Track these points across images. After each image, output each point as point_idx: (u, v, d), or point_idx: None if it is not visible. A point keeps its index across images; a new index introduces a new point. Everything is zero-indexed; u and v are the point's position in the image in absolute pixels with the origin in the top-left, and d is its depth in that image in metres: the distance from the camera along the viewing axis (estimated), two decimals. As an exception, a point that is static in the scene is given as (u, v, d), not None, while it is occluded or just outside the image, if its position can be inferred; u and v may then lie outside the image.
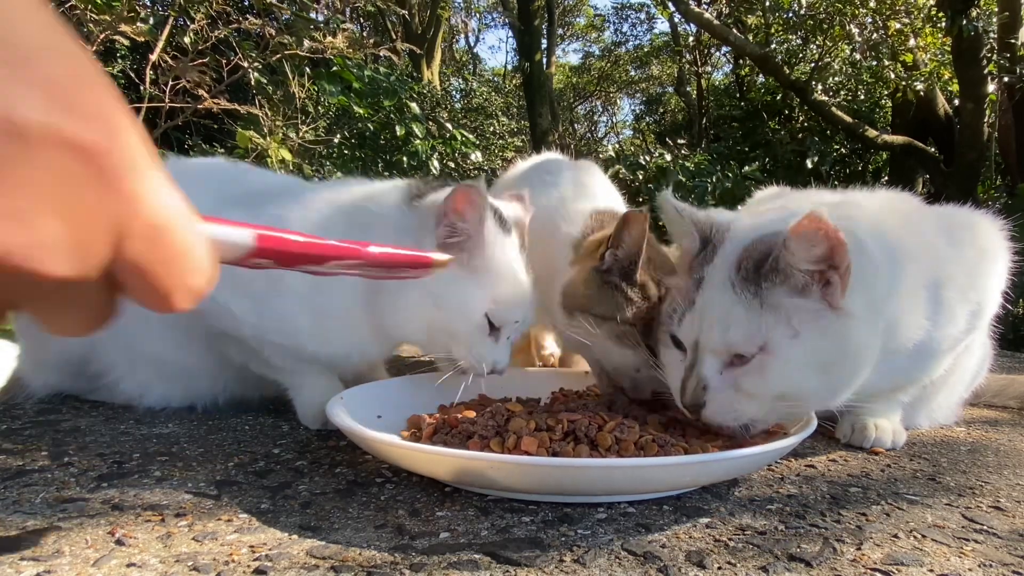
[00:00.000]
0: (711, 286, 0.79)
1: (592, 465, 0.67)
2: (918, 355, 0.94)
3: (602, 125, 18.73)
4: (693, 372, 0.78)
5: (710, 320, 0.77)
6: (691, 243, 0.85)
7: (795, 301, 0.75)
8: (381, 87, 3.96)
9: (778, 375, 0.75)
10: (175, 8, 3.15)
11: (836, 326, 0.76)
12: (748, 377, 0.76)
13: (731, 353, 0.76)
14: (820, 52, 7.71)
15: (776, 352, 0.75)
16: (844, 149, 8.17)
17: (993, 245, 1.04)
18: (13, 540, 0.58)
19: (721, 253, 0.81)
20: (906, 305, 0.89)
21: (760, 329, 0.74)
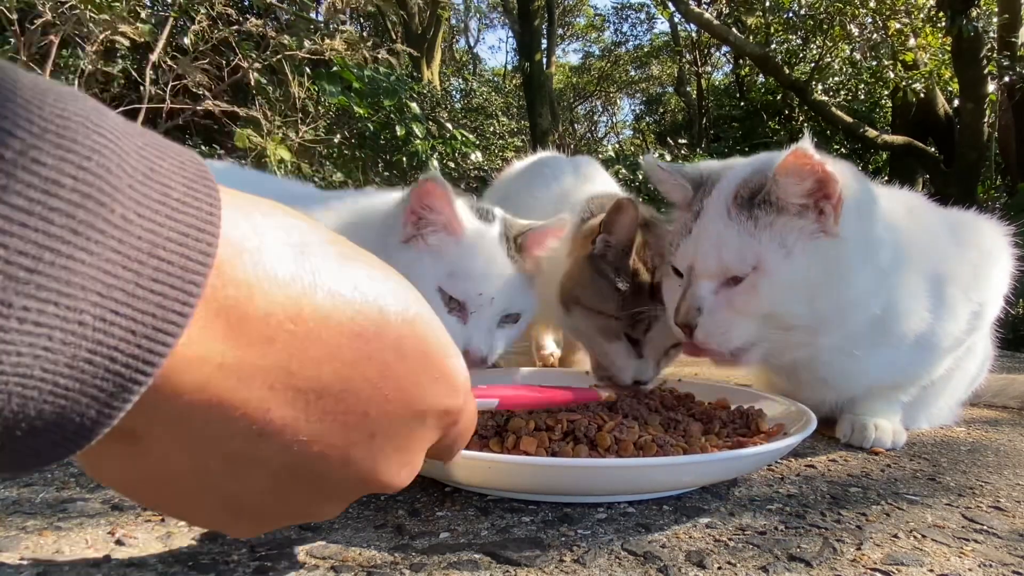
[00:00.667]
0: (707, 215, 0.82)
1: (591, 465, 0.67)
2: (919, 349, 0.95)
3: (602, 125, 18.73)
4: (687, 293, 0.81)
5: (705, 244, 0.80)
6: (684, 193, 0.88)
7: (791, 221, 0.78)
8: (381, 87, 3.96)
9: (770, 292, 0.78)
10: (175, 9, 3.15)
11: (829, 248, 0.79)
12: (740, 296, 0.79)
13: (725, 275, 0.79)
14: (820, 52, 7.71)
15: (769, 270, 0.77)
16: (844, 149, 8.17)
17: (996, 249, 1.05)
18: (13, 540, 0.58)
19: (718, 188, 0.83)
20: (908, 289, 0.90)
21: (753, 248, 0.77)
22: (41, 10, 2.38)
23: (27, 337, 0.21)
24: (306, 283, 0.30)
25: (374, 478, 0.37)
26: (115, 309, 0.23)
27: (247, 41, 3.26)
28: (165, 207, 0.25)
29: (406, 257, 0.90)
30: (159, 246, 0.24)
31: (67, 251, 0.22)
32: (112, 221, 0.23)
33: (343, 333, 0.32)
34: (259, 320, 0.28)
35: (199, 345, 0.26)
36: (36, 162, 0.21)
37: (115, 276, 0.23)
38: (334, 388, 0.32)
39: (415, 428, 0.38)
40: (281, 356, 0.29)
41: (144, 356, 0.24)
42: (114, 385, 0.24)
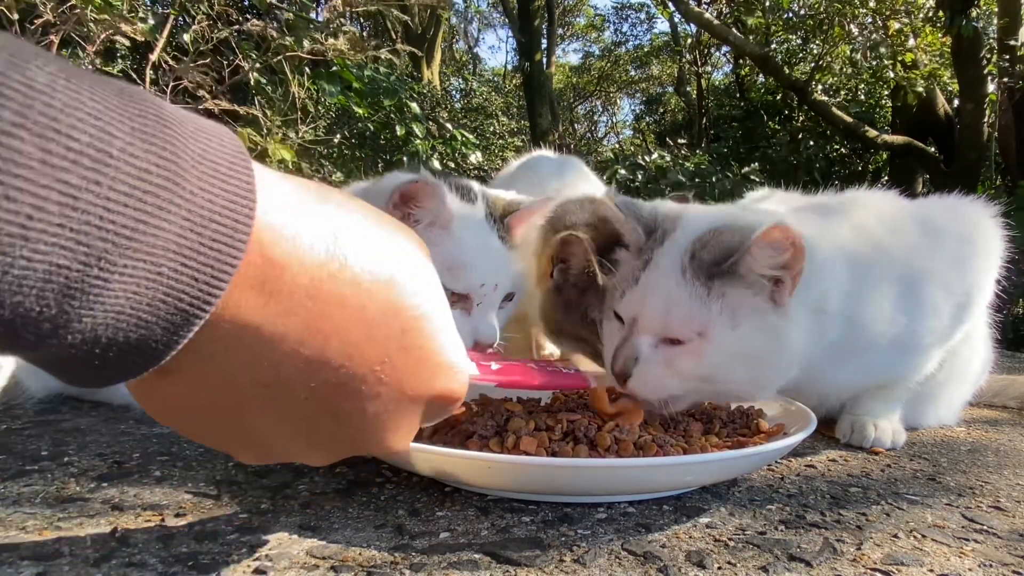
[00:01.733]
0: (657, 268, 0.80)
1: (590, 465, 0.67)
2: (898, 350, 0.94)
3: (602, 125, 18.73)
4: (626, 343, 0.80)
5: (652, 302, 0.79)
6: (636, 237, 0.86)
7: (743, 296, 0.76)
8: (381, 87, 3.96)
9: (711, 361, 0.77)
10: (175, 8, 3.15)
11: (775, 324, 0.78)
12: (681, 357, 0.77)
13: (667, 335, 0.78)
14: (820, 52, 7.71)
15: (714, 339, 0.76)
16: (844, 149, 8.17)
17: (979, 232, 1.01)
18: (13, 540, 0.57)
19: (672, 239, 0.81)
20: (870, 301, 0.89)
21: (702, 316, 0.76)
22: (41, 10, 2.38)
23: (123, 285, 0.29)
24: (331, 269, 0.37)
25: (362, 444, 0.43)
26: (184, 263, 0.31)
27: (247, 41, 3.26)
28: (217, 180, 0.32)
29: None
30: (216, 212, 0.31)
31: (154, 222, 0.29)
32: (183, 196, 0.30)
33: (353, 317, 0.38)
34: (285, 295, 0.35)
35: (235, 306, 0.34)
36: (133, 156, 0.29)
37: (185, 238, 0.31)
38: (336, 361, 0.38)
39: (407, 409, 0.43)
40: (297, 326, 0.36)
41: (204, 297, 0.32)
42: (181, 319, 0.32)
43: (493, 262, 0.91)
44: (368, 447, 0.44)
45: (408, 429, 0.45)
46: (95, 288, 0.28)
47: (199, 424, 0.42)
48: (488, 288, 0.90)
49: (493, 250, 0.92)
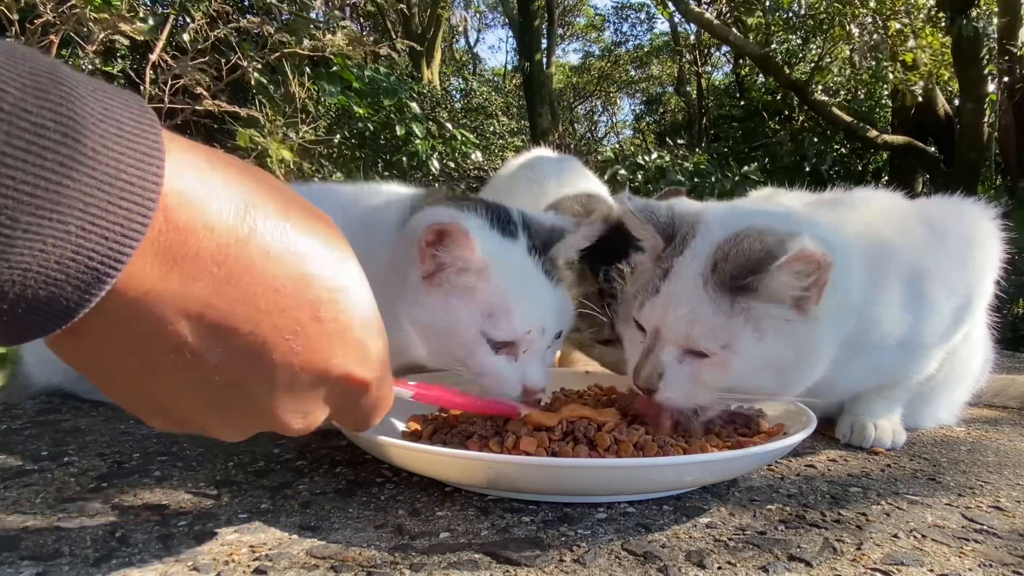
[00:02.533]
0: (679, 278, 0.77)
1: (591, 465, 0.67)
2: (903, 350, 0.94)
3: (602, 125, 18.73)
4: (651, 357, 0.78)
5: (675, 312, 0.76)
6: (653, 242, 0.83)
7: (768, 308, 0.74)
8: (381, 87, 3.96)
9: (738, 372, 0.76)
10: (175, 7, 3.15)
11: (802, 330, 0.76)
12: (707, 370, 0.76)
13: (692, 348, 0.76)
14: (820, 52, 7.71)
15: (739, 351, 0.75)
16: (844, 149, 8.17)
17: (980, 233, 1.01)
18: (13, 540, 0.57)
19: (693, 246, 0.79)
20: (883, 299, 0.88)
21: (727, 329, 0.74)
22: (41, 10, 2.38)
23: (28, 243, 0.28)
24: (240, 235, 0.36)
25: (270, 417, 0.42)
26: (92, 221, 0.30)
27: (247, 40, 3.26)
28: (121, 139, 0.31)
29: (433, 300, 0.79)
30: (121, 170, 0.31)
31: (56, 179, 0.29)
32: (85, 153, 0.30)
33: (262, 284, 0.37)
34: (189, 260, 0.35)
35: (140, 272, 0.33)
36: (26, 111, 0.28)
37: (91, 196, 0.30)
38: (244, 329, 0.38)
39: (317, 385, 0.43)
40: (202, 292, 0.36)
41: (115, 256, 0.31)
42: (92, 277, 0.31)
43: (539, 305, 0.82)
44: (274, 424, 0.43)
45: (316, 411, 0.45)
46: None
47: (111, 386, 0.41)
48: (535, 333, 0.81)
49: (538, 291, 0.83)
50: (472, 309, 0.79)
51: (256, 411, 0.42)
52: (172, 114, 2.90)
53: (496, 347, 0.80)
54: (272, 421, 0.43)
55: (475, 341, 0.79)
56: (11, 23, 2.37)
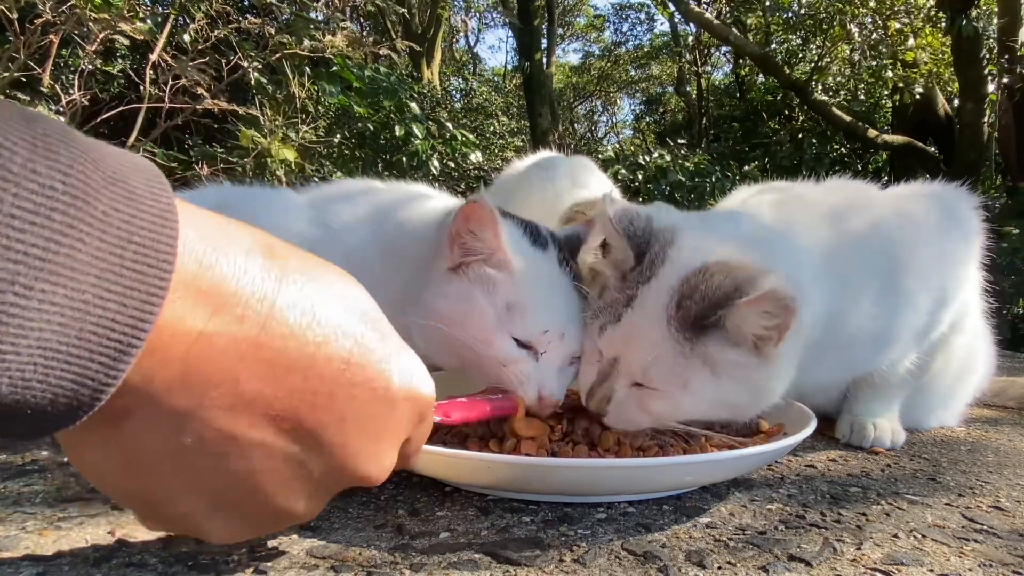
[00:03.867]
0: (643, 311, 0.74)
1: (591, 465, 0.67)
2: (876, 345, 0.93)
3: (602, 125, 18.73)
4: (604, 384, 0.76)
5: (635, 347, 0.74)
6: (625, 256, 0.79)
7: (726, 353, 0.72)
8: (381, 87, 3.96)
9: (688, 408, 0.74)
10: (175, 7, 3.15)
11: (758, 375, 0.74)
12: (656, 402, 0.74)
13: (648, 384, 0.74)
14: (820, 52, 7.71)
15: (692, 390, 0.73)
16: (844, 149, 8.17)
17: (959, 224, 0.99)
18: (13, 540, 0.57)
19: (659, 278, 0.75)
20: (853, 298, 0.87)
21: (684, 369, 0.72)
22: (41, 10, 2.38)
23: (45, 315, 0.26)
24: (273, 274, 0.35)
25: (348, 465, 0.39)
26: (108, 288, 0.28)
27: (247, 40, 3.26)
28: (132, 201, 0.30)
29: (456, 288, 0.78)
30: (134, 233, 0.29)
31: (68, 242, 0.27)
32: (96, 216, 0.28)
33: (306, 316, 0.36)
34: (230, 299, 0.33)
35: (180, 320, 0.31)
36: (35, 172, 0.26)
37: (105, 260, 0.28)
38: (300, 364, 0.36)
39: (385, 415, 0.41)
40: (250, 331, 0.34)
41: (136, 324, 0.29)
42: (115, 351, 0.29)
43: (560, 309, 0.80)
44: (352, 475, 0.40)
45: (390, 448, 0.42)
46: (14, 317, 0.25)
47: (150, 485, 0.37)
48: (553, 336, 0.78)
49: (561, 297, 0.81)
50: (493, 299, 0.77)
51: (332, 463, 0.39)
52: (172, 114, 2.90)
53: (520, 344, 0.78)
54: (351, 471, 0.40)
55: (494, 329, 0.77)
56: (11, 23, 2.36)
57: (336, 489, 0.42)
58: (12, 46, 2.45)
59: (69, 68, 3.33)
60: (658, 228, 0.79)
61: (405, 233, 0.89)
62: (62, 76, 3.24)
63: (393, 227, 0.91)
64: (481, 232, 0.76)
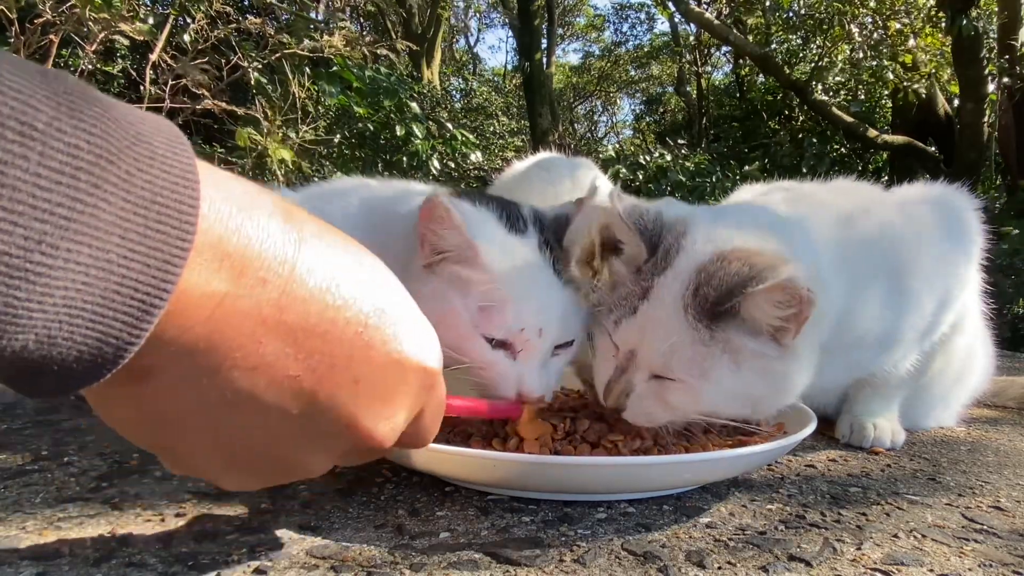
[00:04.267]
0: (659, 303, 0.74)
1: (592, 463, 0.67)
2: (882, 346, 0.93)
3: (602, 125, 18.73)
4: (622, 378, 0.75)
5: (653, 338, 0.73)
6: (637, 251, 0.79)
7: (745, 341, 0.72)
8: (381, 87, 3.96)
9: (708, 400, 0.73)
10: (175, 7, 3.15)
11: (778, 365, 0.74)
12: (676, 394, 0.73)
13: (666, 375, 0.74)
14: (820, 52, 7.71)
15: (712, 380, 0.72)
16: (844, 149, 8.18)
17: (961, 226, 1.00)
18: (13, 540, 0.57)
19: (674, 268, 0.75)
20: (862, 298, 0.87)
21: (704, 360, 0.72)
22: (41, 9, 2.38)
23: (71, 273, 0.26)
24: (292, 237, 0.36)
25: (357, 424, 0.41)
26: (132, 248, 0.28)
27: (247, 40, 3.26)
28: (155, 162, 0.30)
29: (429, 287, 0.75)
30: (157, 194, 0.29)
31: (92, 201, 0.27)
32: (120, 176, 0.28)
33: (327, 280, 0.37)
34: (254, 262, 0.33)
35: (206, 283, 0.32)
36: (60, 131, 0.26)
37: (129, 220, 0.28)
38: (319, 328, 0.36)
39: (397, 380, 0.42)
40: (273, 294, 0.34)
41: (159, 284, 0.29)
42: (138, 310, 0.29)
43: (538, 304, 0.76)
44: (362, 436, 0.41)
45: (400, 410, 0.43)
46: (41, 276, 0.26)
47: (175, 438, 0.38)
48: (530, 333, 0.75)
49: (540, 290, 0.78)
50: (466, 300, 0.75)
51: (343, 420, 0.40)
52: (172, 114, 2.90)
53: (491, 343, 0.76)
54: (360, 431, 0.41)
55: (468, 333, 0.75)
56: (11, 23, 2.37)
57: (346, 447, 0.43)
58: (12, 46, 2.45)
59: (69, 68, 3.33)
60: (669, 220, 0.79)
61: (390, 230, 0.87)
62: (62, 76, 3.23)
63: (381, 223, 0.89)
64: (442, 230, 0.74)
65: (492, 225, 0.79)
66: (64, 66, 3.38)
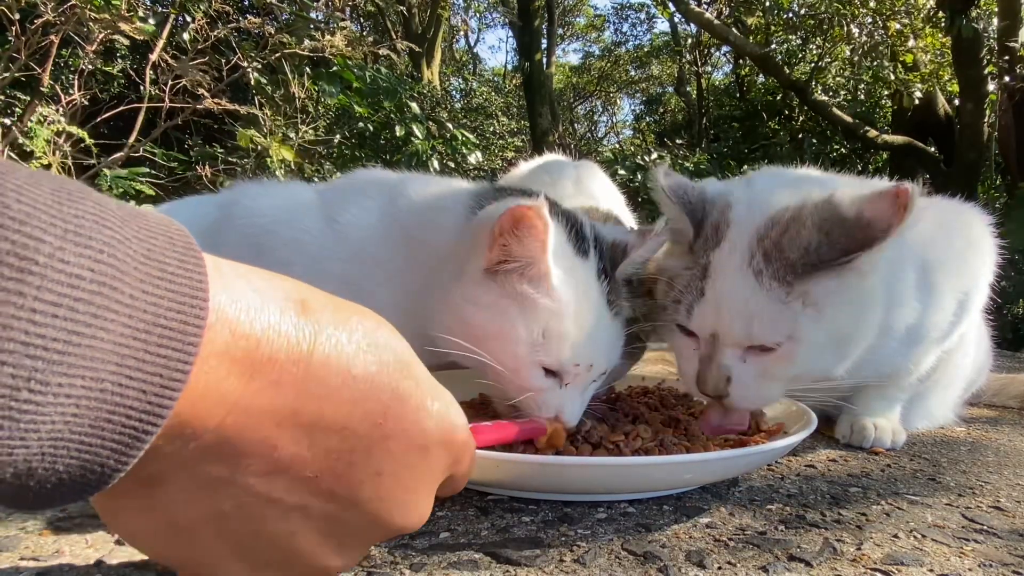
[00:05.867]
0: (724, 275, 0.74)
1: (593, 463, 0.67)
2: (907, 341, 0.93)
3: (602, 125, 18.73)
4: (713, 363, 0.75)
5: (730, 313, 0.73)
6: (685, 227, 0.79)
7: (825, 283, 0.72)
8: (381, 87, 3.96)
9: (804, 359, 0.74)
10: (175, 7, 3.16)
11: (855, 291, 0.74)
12: (773, 364, 0.74)
13: (754, 343, 0.74)
14: (820, 52, 7.71)
15: (803, 338, 0.73)
16: (844, 149, 8.18)
17: (980, 236, 1.02)
18: (13, 540, 0.57)
19: (729, 238, 0.75)
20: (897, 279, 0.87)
21: (787, 319, 0.72)
22: (41, 10, 2.38)
23: (60, 408, 0.26)
24: (307, 332, 0.34)
25: (385, 519, 0.39)
26: (129, 375, 0.27)
27: (247, 40, 3.26)
28: (163, 282, 0.29)
29: (490, 298, 0.72)
30: (160, 316, 0.28)
31: (90, 332, 0.26)
32: (123, 301, 0.27)
33: (341, 374, 0.35)
34: (265, 364, 0.32)
35: (215, 391, 0.31)
36: (62, 261, 0.26)
37: (127, 347, 0.27)
38: (336, 424, 0.35)
39: (420, 464, 0.40)
40: (287, 396, 0.33)
41: (154, 411, 0.28)
42: (129, 437, 0.28)
43: (594, 339, 0.75)
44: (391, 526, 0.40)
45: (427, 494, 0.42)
46: (27, 413, 0.25)
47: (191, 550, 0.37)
48: (582, 368, 0.74)
49: (597, 323, 0.75)
50: (529, 323, 0.72)
51: (369, 518, 0.39)
52: (172, 114, 2.90)
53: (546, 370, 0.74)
54: (388, 524, 0.40)
55: (526, 357, 0.72)
56: (11, 23, 2.37)
57: (376, 540, 0.42)
58: (12, 46, 2.45)
59: (69, 68, 3.33)
60: (712, 196, 0.80)
61: (424, 220, 0.83)
62: (62, 76, 3.24)
63: (407, 213, 0.85)
64: (528, 240, 0.70)
65: (563, 244, 0.75)
66: (64, 66, 3.38)
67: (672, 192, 0.79)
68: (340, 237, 0.86)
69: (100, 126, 2.92)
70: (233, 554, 0.37)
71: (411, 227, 0.84)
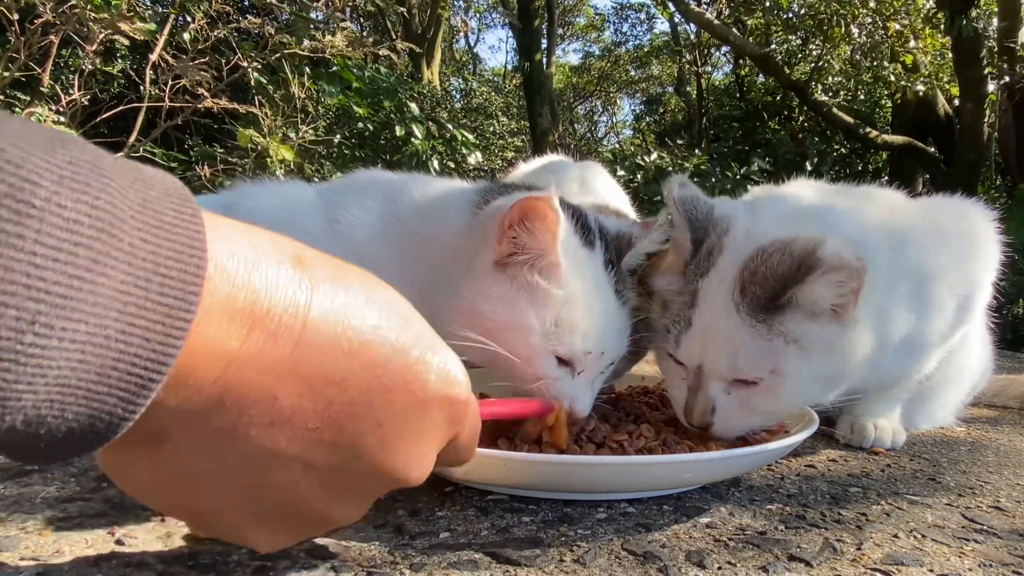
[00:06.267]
0: (710, 307, 0.75)
1: (596, 462, 0.67)
2: (905, 350, 0.93)
3: (602, 125, 18.73)
4: (699, 394, 0.76)
5: (714, 346, 0.74)
6: (684, 245, 0.80)
7: (806, 326, 0.73)
8: (381, 87, 3.96)
9: (789, 394, 0.74)
10: (175, 7, 3.16)
11: (843, 338, 0.75)
12: (757, 397, 0.75)
13: (738, 377, 0.75)
14: (820, 52, 7.72)
15: (786, 373, 0.73)
16: (844, 149, 8.18)
17: (981, 234, 1.01)
18: (13, 540, 0.57)
19: (718, 266, 0.76)
20: (891, 295, 0.87)
21: (770, 354, 0.72)
22: (41, 10, 2.38)
23: (65, 352, 0.26)
24: (304, 285, 0.35)
25: (386, 469, 0.39)
26: (131, 322, 0.28)
27: (247, 40, 3.26)
28: (160, 231, 0.29)
29: (500, 290, 0.73)
30: (160, 264, 0.28)
31: (91, 277, 0.26)
32: (122, 248, 0.27)
33: (340, 326, 0.36)
34: (264, 317, 0.33)
35: (216, 343, 0.31)
36: (60, 206, 0.26)
37: (129, 294, 0.27)
38: (336, 376, 0.35)
39: (421, 418, 0.40)
40: (285, 348, 0.33)
41: (158, 359, 0.29)
42: (135, 385, 0.28)
43: (604, 326, 0.76)
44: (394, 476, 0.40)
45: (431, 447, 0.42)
46: (33, 357, 0.25)
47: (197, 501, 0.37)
48: (593, 356, 0.75)
49: (606, 311, 0.77)
50: (542, 314, 0.72)
51: (371, 468, 0.39)
52: (172, 114, 2.90)
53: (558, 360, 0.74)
54: (389, 475, 0.40)
55: (539, 347, 0.72)
56: (11, 23, 2.37)
57: (378, 492, 0.42)
58: (12, 46, 2.45)
59: (69, 68, 3.34)
60: (718, 216, 0.80)
61: (428, 216, 0.84)
62: (62, 76, 3.24)
63: (410, 211, 0.85)
64: (539, 232, 0.70)
65: (571, 235, 0.76)
66: (64, 66, 3.39)
67: (680, 204, 0.79)
68: (341, 237, 0.85)
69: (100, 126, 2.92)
70: (239, 506, 0.38)
71: (414, 224, 0.84)
